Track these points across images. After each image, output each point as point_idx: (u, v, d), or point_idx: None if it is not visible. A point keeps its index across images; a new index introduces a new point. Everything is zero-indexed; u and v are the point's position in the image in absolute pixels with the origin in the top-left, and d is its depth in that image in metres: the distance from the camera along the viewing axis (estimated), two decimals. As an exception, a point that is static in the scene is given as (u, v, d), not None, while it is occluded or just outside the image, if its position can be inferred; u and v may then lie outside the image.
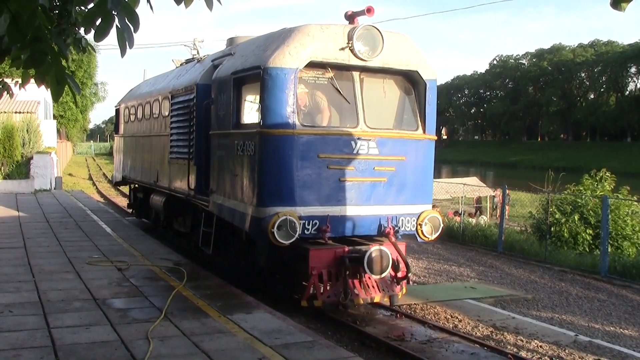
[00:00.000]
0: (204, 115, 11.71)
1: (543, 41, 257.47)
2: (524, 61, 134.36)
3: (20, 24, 3.21)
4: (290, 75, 9.29)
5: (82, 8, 5.20)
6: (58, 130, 46.98)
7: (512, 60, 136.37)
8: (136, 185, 18.77)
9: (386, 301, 10.53)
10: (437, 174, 78.13)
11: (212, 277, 11.04)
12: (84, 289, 9.50)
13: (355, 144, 9.68)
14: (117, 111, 20.41)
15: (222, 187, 10.83)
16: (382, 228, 10.02)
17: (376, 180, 9.91)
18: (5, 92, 7.03)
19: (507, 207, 29.61)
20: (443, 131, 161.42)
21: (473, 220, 23.35)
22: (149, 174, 15.94)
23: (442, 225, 10.72)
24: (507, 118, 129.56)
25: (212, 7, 3.84)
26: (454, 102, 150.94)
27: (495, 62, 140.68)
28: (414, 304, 11.62)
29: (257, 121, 9.61)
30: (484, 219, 25.27)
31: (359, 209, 9.82)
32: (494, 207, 30.12)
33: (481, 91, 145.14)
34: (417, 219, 10.36)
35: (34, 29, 3.26)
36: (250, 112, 10.46)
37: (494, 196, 30.69)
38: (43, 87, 3.78)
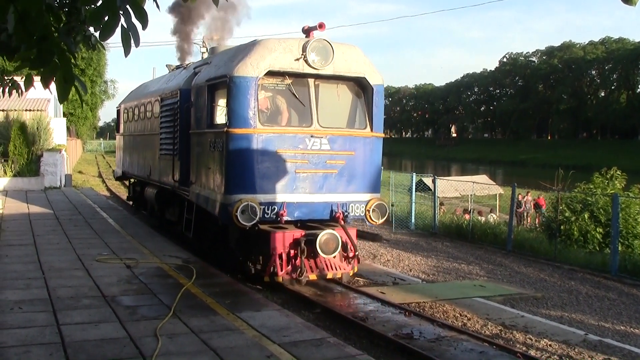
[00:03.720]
0: (185, 117, 13.28)
1: (553, 39, 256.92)
2: (534, 59, 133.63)
3: (27, 23, 3.21)
4: (251, 83, 10.80)
5: (92, 6, 5.21)
6: (68, 128, 47.07)
7: (522, 58, 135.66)
8: (134, 180, 20.36)
9: (339, 278, 12.09)
10: (447, 172, 78.14)
11: (221, 275, 11.07)
12: (93, 286, 9.55)
13: (309, 140, 11.24)
14: (118, 111, 21.88)
15: (199, 178, 12.45)
16: (334, 213, 11.48)
17: (328, 172, 11.46)
18: (15, 90, 7.06)
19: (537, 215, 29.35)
20: (452, 129, 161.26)
21: (482, 218, 23.26)
22: (143, 168, 17.49)
23: (388, 211, 12.26)
24: (517, 116, 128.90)
25: (218, 4, 3.85)
26: (464, 99, 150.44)
27: (505, 59, 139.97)
28: (423, 302, 11.60)
29: (225, 122, 11.15)
30: (493, 217, 25.17)
31: (312, 197, 11.36)
32: (526, 214, 28.54)
33: (491, 89, 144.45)
34: (366, 206, 11.79)
35: (41, 28, 3.26)
36: (221, 114, 11.83)
37: (524, 202, 28.65)
38: (53, 85, 3.78)
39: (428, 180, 28.83)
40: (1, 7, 3.26)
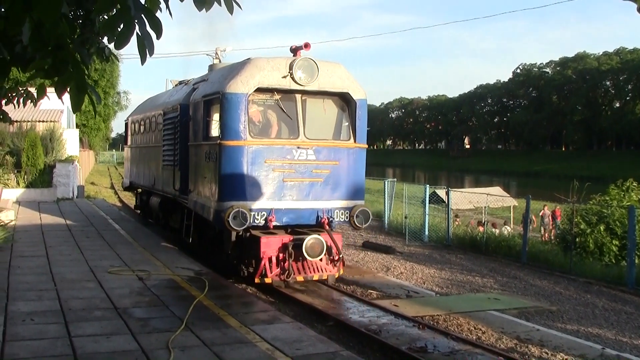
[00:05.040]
0: (185, 130, 14.38)
1: (567, 49, 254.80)
2: (547, 70, 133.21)
3: (43, 32, 3.22)
4: (242, 99, 11.84)
5: (105, 17, 5.23)
6: (81, 139, 47.35)
7: (536, 69, 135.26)
8: (141, 190, 21.36)
9: (324, 279, 12.79)
10: (460, 184, 77.84)
11: (233, 287, 11.07)
12: (105, 297, 9.55)
13: (296, 151, 12.26)
14: (126, 124, 23.12)
15: (197, 187, 13.51)
16: (319, 219, 12.45)
17: (314, 180, 12.44)
18: (30, 100, 7.09)
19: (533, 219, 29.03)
20: (466, 140, 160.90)
21: (496, 231, 23.13)
22: (149, 179, 18.64)
23: (371, 216, 13.14)
24: (530, 127, 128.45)
25: (233, 11, 3.85)
26: (477, 111, 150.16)
27: (518, 70, 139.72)
28: (437, 315, 11.53)
29: (218, 134, 12.19)
30: (507, 230, 25.04)
31: (299, 204, 12.33)
32: (544, 227, 27.90)
33: (504, 100, 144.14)
34: (350, 212, 12.73)
35: (56, 37, 3.27)
36: (215, 128, 12.83)
37: (542, 216, 28.27)
38: (66, 96, 3.79)
39: (442, 192, 28.74)
40: (17, 17, 3.29)
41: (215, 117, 12.84)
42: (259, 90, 12.11)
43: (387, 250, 19.67)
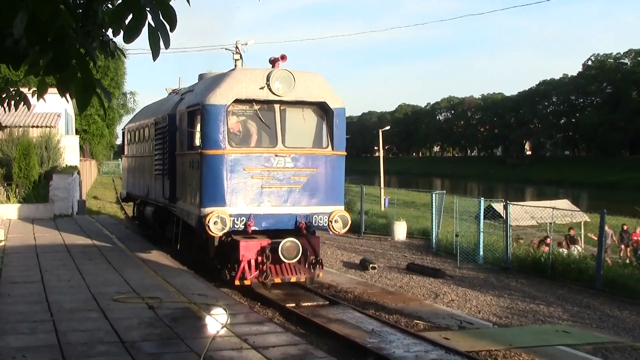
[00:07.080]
0: (173, 139, 16.93)
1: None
2: (626, 61, 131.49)
3: (41, 23, 3.21)
4: (221, 110, 14.14)
5: (109, 6, 5.24)
6: (81, 147, 47.96)
7: (611, 60, 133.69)
8: (139, 200, 23.73)
9: (302, 281, 15.01)
10: (520, 197, 77.10)
11: (258, 316, 11.06)
12: (110, 330, 9.60)
13: (274, 159, 14.45)
14: (123, 133, 26.06)
15: (183, 195, 15.91)
16: (298, 224, 14.54)
17: (292, 187, 14.63)
18: (22, 103, 7.13)
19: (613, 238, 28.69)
20: (526, 146, 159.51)
21: (564, 251, 22.86)
22: (143, 188, 21.23)
23: (350, 221, 15.25)
24: (604, 129, 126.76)
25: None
26: (540, 111, 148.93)
27: (589, 62, 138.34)
28: (495, 350, 11.42)
29: (200, 144, 14.53)
30: (577, 250, 24.74)
31: (277, 209, 14.51)
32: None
33: (573, 98, 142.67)
34: (329, 217, 14.85)
35: (56, 29, 3.26)
36: (199, 138, 14.92)
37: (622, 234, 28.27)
38: (63, 98, 3.79)
39: (499, 206, 28.53)
40: (10, 7, 3.28)
41: (199, 127, 14.89)
42: (238, 101, 14.37)
43: (436, 273, 19.58)
